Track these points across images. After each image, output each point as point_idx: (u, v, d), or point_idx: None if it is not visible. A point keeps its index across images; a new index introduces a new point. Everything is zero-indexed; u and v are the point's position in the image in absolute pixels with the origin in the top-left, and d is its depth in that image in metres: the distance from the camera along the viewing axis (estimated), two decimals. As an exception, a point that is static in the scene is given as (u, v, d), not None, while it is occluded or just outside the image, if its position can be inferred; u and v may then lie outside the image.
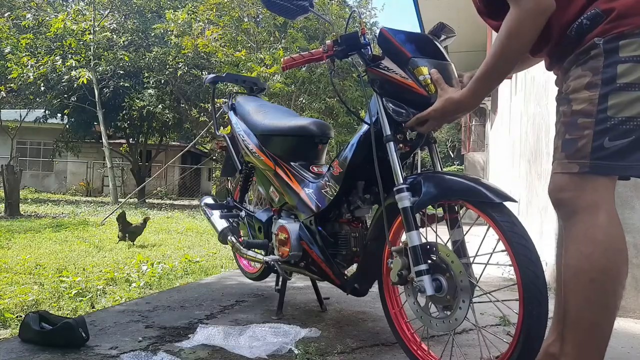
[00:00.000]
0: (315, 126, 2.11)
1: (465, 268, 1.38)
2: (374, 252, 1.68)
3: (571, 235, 1.21)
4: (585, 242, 1.17)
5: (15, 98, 15.40)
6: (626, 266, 1.20)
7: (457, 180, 1.44)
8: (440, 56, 1.54)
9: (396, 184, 1.49)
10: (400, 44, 1.51)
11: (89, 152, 19.07)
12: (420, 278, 1.39)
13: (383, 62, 1.53)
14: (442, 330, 1.46)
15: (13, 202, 8.13)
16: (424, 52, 1.52)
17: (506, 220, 1.31)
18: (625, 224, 2.36)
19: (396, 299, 1.66)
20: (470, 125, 13.88)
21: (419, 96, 1.48)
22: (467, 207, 1.40)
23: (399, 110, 1.52)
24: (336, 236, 1.91)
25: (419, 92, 1.47)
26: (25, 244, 4.72)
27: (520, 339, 1.25)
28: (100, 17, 12.86)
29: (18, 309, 2.34)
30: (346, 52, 1.63)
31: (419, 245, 1.42)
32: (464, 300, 1.36)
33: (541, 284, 1.25)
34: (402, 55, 1.50)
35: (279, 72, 9.84)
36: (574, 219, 1.20)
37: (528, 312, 1.23)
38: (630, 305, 2.34)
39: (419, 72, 1.47)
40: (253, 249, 2.37)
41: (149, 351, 1.65)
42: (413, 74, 1.48)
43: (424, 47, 1.54)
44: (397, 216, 1.53)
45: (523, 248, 1.27)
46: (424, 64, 1.48)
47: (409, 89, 1.49)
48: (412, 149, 1.64)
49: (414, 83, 1.48)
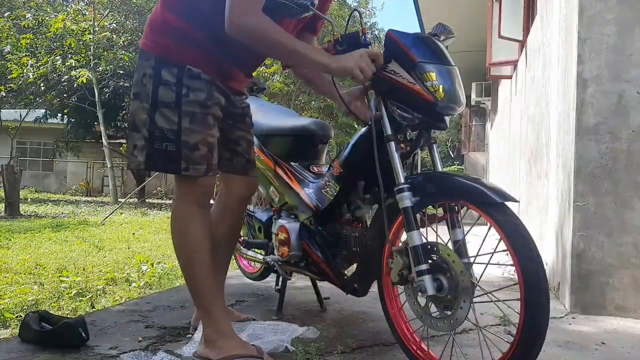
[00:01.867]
0: (315, 126, 2.11)
1: (466, 268, 1.38)
2: (373, 252, 1.68)
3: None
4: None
5: (15, 98, 15.39)
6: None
7: (458, 180, 1.44)
8: (446, 61, 1.53)
9: (397, 183, 1.49)
10: (407, 47, 1.50)
11: (89, 152, 19.06)
12: (421, 278, 1.39)
13: (390, 66, 1.52)
14: (442, 330, 1.46)
15: (13, 202, 8.13)
16: (431, 57, 1.51)
17: (508, 220, 1.31)
18: (626, 224, 2.36)
19: (396, 299, 1.66)
20: (470, 125, 13.88)
21: (425, 102, 1.47)
22: (469, 207, 1.40)
23: (405, 114, 1.53)
24: (336, 236, 1.91)
25: (426, 97, 1.47)
26: (25, 244, 4.71)
27: (522, 338, 1.25)
28: (100, 17, 12.85)
29: (18, 309, 2.34)
30: (347, 52, 1.63)
31: (419, 245, 1.42)
32: (465, 300, 1.36)
33: (543, 284, 1.25)
34: (410, 59, 1.49)
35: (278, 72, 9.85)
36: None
37: (530, 312, 1.24)
38: (630, 305, 2.34)
39: (427, 78, 1.47)
40: (253, 249, 2.37)
41: (149, 351, 1.65)
42: (420, 79, 1.47)
43: (430, 51, 1.53)
44: (398, 216, 1.53)
45: (525, 248, 1.27)
46: (432, 69, 1.47)
47: (417, 95, 1.48)
48: (412, 149, 1.64)
49: (422, 89, 1.47)
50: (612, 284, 2.36)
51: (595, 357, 1.78)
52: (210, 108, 1.56)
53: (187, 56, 1.53)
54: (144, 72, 1.54)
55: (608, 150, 2.39)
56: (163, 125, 1.51)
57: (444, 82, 1.47)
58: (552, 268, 2.92)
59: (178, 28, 1.53)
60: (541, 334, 1.25)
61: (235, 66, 1.66)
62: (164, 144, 1.52)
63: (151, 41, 1.56)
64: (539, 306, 1.24)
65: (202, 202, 1.62)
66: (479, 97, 10.19)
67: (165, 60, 1.52)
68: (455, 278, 1.37)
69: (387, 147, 1.54)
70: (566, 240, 2.52)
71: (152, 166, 1.58)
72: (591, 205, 2.40)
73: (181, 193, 1.62)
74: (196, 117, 1.52)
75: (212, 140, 1.57)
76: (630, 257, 2.35)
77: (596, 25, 2.42)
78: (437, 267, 1.41)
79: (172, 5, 1.55)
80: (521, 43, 5.09)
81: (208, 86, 1.55)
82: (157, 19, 1.58)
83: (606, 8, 2.41)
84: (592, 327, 2.16)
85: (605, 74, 2.41)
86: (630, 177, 2.37)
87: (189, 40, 1.53)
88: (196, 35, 1.53)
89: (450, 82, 1.49)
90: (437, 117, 1.53)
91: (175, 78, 1.51)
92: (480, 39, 7.42)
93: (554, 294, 2.75)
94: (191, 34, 1.53)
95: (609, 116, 2.40)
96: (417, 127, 1.59)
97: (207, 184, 1.60)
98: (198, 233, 1.59)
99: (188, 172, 1.53)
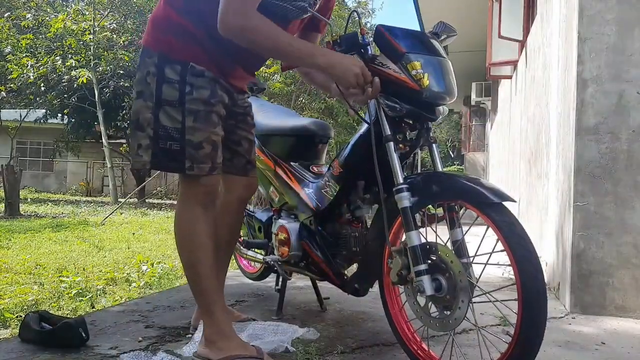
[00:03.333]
0: (315, 126, 2.11)
1: (464, 268, 1.38)
2: (373, 252, 1.68)
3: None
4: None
5: (15, 98, 15.39)
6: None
7: (456, 180, 1.44)
8: (436, 52, 1.54)
9: (395, 183, 1.49)
10: (394, 39, 1.51)
11: (89, 152, 19.05)
12: (420, 278, 1.39)
13: (378, 58, 1.53)
14: (442, 330, 1.46)
15: (13, 202, 8.13)
16: (419, 48, 1.52)
17: (505, 220, 1.31)
18: (626, 224, 2.36)
19: (396, 299, 1.66)
20: (470, 125, 13.89)
21: (411, 91, 1.48)
22: (467, 207, 1.40)
23: (393, 105, 1.52)
24: (336, 236, 1.91)
25: (411, 86, 1.47)
26: (25, 244, 4.71)
27: (520, 339, 1.25)
28: (100, 17, 12.85)
29: (18, 309, 2.34)
30: (346, 53, 1.63)
31: (418, 245, 1.42)
32: (464, 300, 1.36)
33: (540, 284, 1.25)
34: (396, 50, 1.50)
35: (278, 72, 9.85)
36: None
37: (527, 312, 1.24)
38: (630, 305, 2.34)
39: (412, 67, 1.47)
40: (253, 249, 2.37)
41: (148, 351, 1.65)
42: (406, 69, 1.48)
43: (419, 43, 1.54)
44: (397, 216, 1.53)
45: (522, 248, 1.27)
46: (418, 59, 1.48)
47: (402, 84, 1.48)
48: (411, 149, 1.64)
49: (407, 78, 1.47)
50: (612, 284, 2.36)
51: (595, 357, 1.78)
52: (214, 106, 1.55)
53: (190, 53, 1.52)
54: (147, 70, 1.53)
55: (608, 150, 2.39)
56: (167, 123, 1.51)
57: (430, 71, 1.48)
58: (552, 268, 2.92)
59: (179, 25, 1.53)
60: (539, 334, 1.25)
61: (237, 63, 1.65)
62: (168, 143, 1.51)
63: (153, 38, 1.55)
64: (536, 306, 1.24)
65: (206, 201, 1.61)
66: (479, 97, 10.19)
67: (168, 58, 1.51)
68: (454, 278, 1.37)
69: (385, 148, 1.54)
70: (566, 240, 2.52)
71: (157, 165, 1.57)
72: (591, 205, 2.40)
73: (185, 192, 1.62)
74: (200, 115, 1.52)
75: (216, 139, 1.56)
76: (630, 257, 2.35)
77: (596, 25, 2.42)
78: (436, 267, 1.41)
79: (174, 0, 1.55)
80: (521, 43, 5.09)
81: (212, 84, 1.54)
82: (159, 14, 1.57)
83: (606, 8, 2.41)
84: (592, 327, 2.16)
85: (605, 74, 2.41)
86: (630, 177, 2.37)
87: (190, 36, 1.52)
88: (197, 32, 1.53)
89: (439, 71, 1.49)
90: (426, 107, 1.53)
91: (178, 76, 1.50)
92: (480, 39, 7.43)
93: (554, 294, 2.75)
94: (192, 31, 1.52)
95: (609, 116, 2.40)
96: (406, 117, 1.58)
97: (211, 183, 1.60)
98: (202, 233, 1.59)
99: (192, 171, 1.53)
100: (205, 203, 1.61)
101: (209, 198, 1.62)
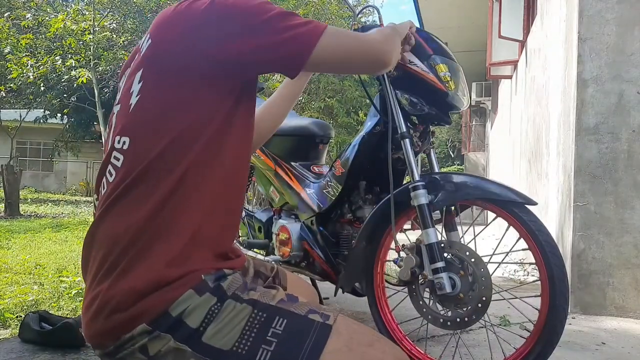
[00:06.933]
0: (316, 126, 2.11)
1: (485, 266, 1.38)
2: (362, 253, 1.63)
3: None
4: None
5: (15, 98, 15.40)
6: None
7: (478, 180, 1.47)
8: (454, 59, 1.57)
9: (412, 180, 1.48)
10: (423, 39, 1.52)
11: (88, 152, 19.05)
12: (439, 275, 1.37)
13: (405, 55, 1.50)
14: (452, 329, 1.44)
15: (13, 202, 8.13)
16: (442, 52, 1.55)
17: (532, 219, 1.35)
18: (626, 224, 2.36)
19: (386, 302, 1.63)
20: (470, 125, 13.89)
21: (437, 92, 1.49)
22: (488, 207, 1.41)
23: (414, 101, 1.53)
24: (337, 236, 1.91)
25: (438, 87, 1.49)
26: (25, 244, 4.71)
27: (542, 335, 1.27)
28: (100, 17, 12.85)
29: (18, 309, 2.34)
30: None
31: (435, 242, 1.40)
32: (485, 297, 1.36)
33: (565, 282, 1.29)
34: (425, 51, 1.51)
35: (278, 72, 9.80)
36: None
37: (552, 309, 1.26)
38: (630, 305, 2.34)
39: (440, 69, 1.50)
40: (253, 249, 2.37)
41: (149, 351, 1.64)
42: (434, 70, 1.50)
43: (440, 47, 1.57)
44: (401, 214, 1.52)
45: (549, 246, 1.30)
46: (445, 62, 1.51)
47: (429, 83, 1.49)
48: (420, 149, 1.63)
49: (435, 78, 1.49)
50: (612, 284, 2.36)
51: (595, 357, 1.78)
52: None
53: None
54: None
55: (608, 150, 2.39)
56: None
57: (453, 76, 1.51)
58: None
59: None
60: (560, 331, 1.27)
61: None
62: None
63: None
64: (560, 303, 1.26)
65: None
66: (479, 97, 10.20)
67: None
68: (475, 275, 1.36)
69: (401, 145, 1.51)
70: (566, 240, 2.52)
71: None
72: (591, 205, 2.40)
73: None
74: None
75: None
76: (630, 257, 2.35)
77: (596, 25, 2.42)
78: (451, 265, 1.40)
79: None
80: (521, 43, 5.09)
81: None
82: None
83: (606, 8, 2.41)
84: (592, 327, 2.16)
85: (605, 74, 2.41)
86: (630, 177, 2.37)
87: None
88: None
89: (459, 79, 1.53)
90: (445, 110, 1.55)
91: None
92: (480, 39, 7.44)
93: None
94: None
95: (609, 116, 2.40)
96: (424, 118, 1.59)
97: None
98: None
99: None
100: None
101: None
